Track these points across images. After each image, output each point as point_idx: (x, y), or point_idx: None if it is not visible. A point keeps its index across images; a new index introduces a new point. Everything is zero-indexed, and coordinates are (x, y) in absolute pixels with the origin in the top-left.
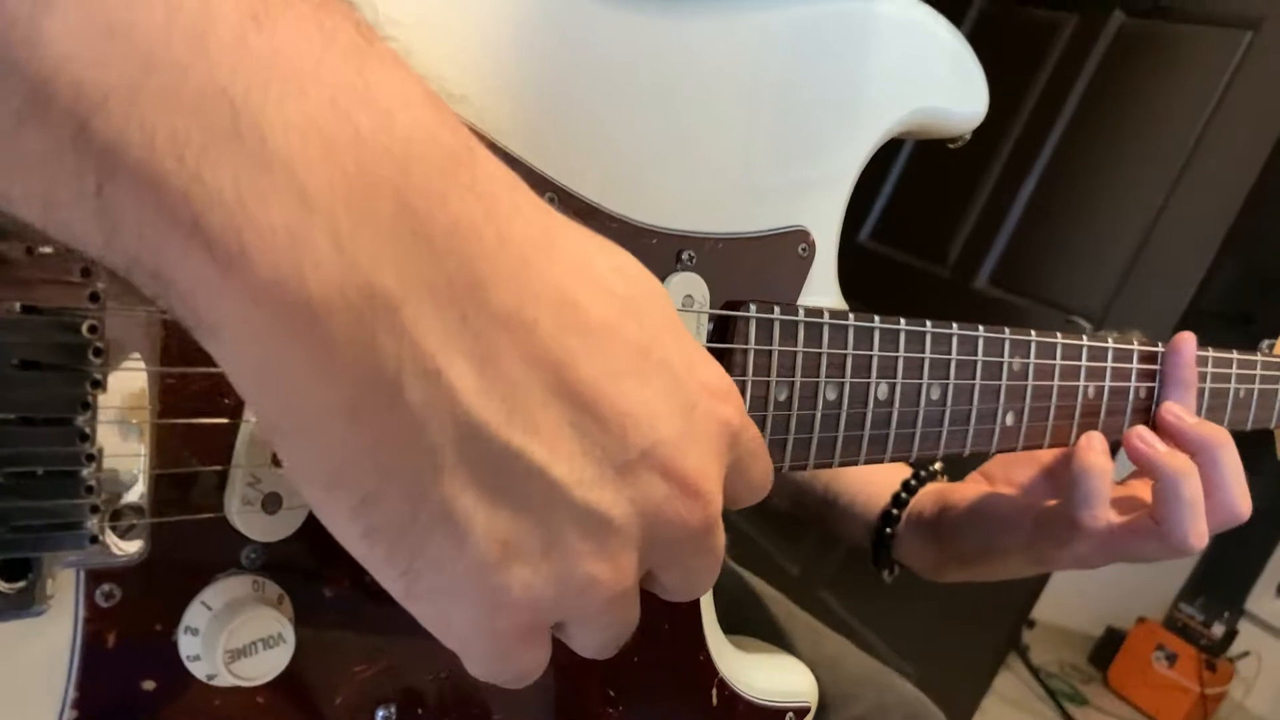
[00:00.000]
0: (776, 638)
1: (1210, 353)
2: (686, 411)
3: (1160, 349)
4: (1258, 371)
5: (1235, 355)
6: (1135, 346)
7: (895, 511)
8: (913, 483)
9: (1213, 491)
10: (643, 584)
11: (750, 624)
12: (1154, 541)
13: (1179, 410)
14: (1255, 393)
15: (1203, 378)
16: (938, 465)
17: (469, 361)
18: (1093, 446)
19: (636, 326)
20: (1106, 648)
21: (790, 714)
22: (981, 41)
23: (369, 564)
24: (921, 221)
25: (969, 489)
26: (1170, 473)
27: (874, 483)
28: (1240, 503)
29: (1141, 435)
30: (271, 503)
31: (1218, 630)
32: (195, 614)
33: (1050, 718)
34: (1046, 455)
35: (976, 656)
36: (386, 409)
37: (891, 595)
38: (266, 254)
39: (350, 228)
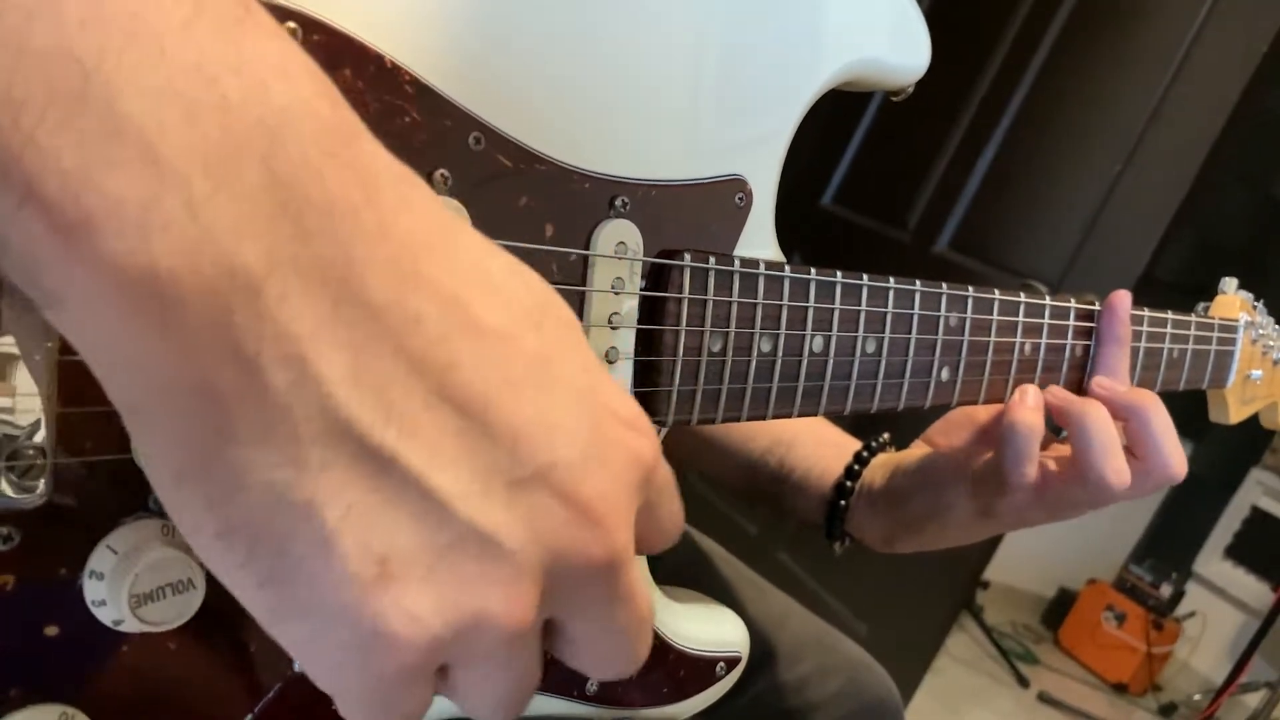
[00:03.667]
0: (722, 596)
1: (1146, 312)
2: (590, 432)
3: (1097, 307)
4: (1191, 332)
5: (1170, 315)
6: (1072, 304)
7: (849, 483)
8: (864, 454)
9: (1147, 453)
10: (558, 645)
11: (696, 583)
12: (1077, 486)
13: (1107, 382)
14: (1189, 353)
15: (1138, 336)
16: (886, 436)
17: (339, 352)
18: (1024, 402)
19: (536, 336)
20: (1058, 608)
21: (721, 663)
22: (945, 9)
23: (225, 574)
24: (883, 186)
25: (915, 453)
26: (1078, 413)
27: (826, 456)
28: (1175, 461)
29: (1053, 390)
30: None
31: (1165, 591)
32: (100, 558)
33: (1002, 677)
34: (984, 415)
35: (930, 616)
36: (243, 392)
37: (848, 556)
38: (112, 221)
39: (207, 194)
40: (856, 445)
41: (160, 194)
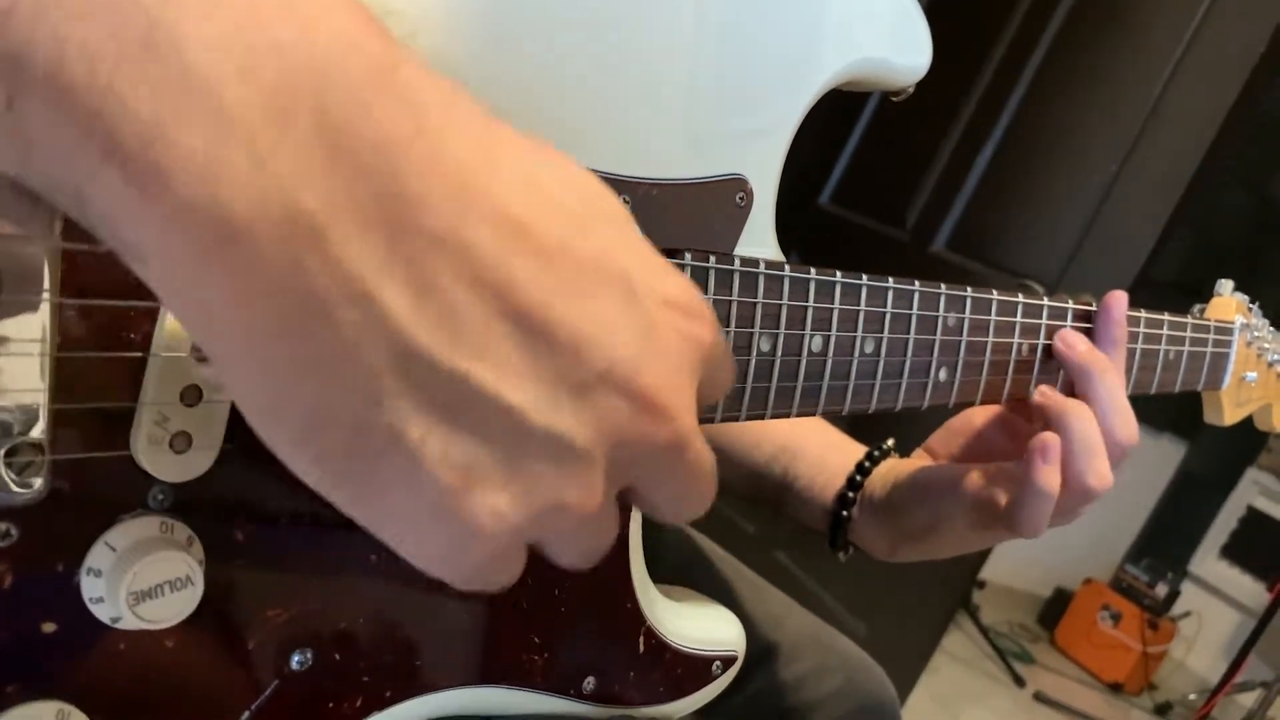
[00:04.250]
0: (720, 595)
1: (1143, 314)
2: (646, 329)
3: (1094, 308)
4: (1187, 334)
5: (1166, 317)
6: (1070, 305)
7: (850, 494)
8: (866, 464)
9: (1064, 460)
10: (636, 504)
11: (694, 582)
12: (1061, 485)
13: (1071, 339)
14: (1184, 355)
15: (1134, 338)
16: (890, 443)
17: (402, 285)
18: (1047, 457)
19: (589, 243)
20: (1055, 608)
21: (717, 663)
22: (943, 8)
23: (324, 491)
24: (881, 186)
25: (913, 463)
26: (1060, 413)
27: (830, 464)
28: (1121, 430)
29: (1042, 390)
30: (180, 442)
31: (1161, 590)
32: (99, 555)
33: (998, 676)
34: (981, 420)
35: (927, 616)
36: (318, 331)
37: None
38: (183, 173)
39: (269, 144)
40: (860, 454)
41: (227, 145)
